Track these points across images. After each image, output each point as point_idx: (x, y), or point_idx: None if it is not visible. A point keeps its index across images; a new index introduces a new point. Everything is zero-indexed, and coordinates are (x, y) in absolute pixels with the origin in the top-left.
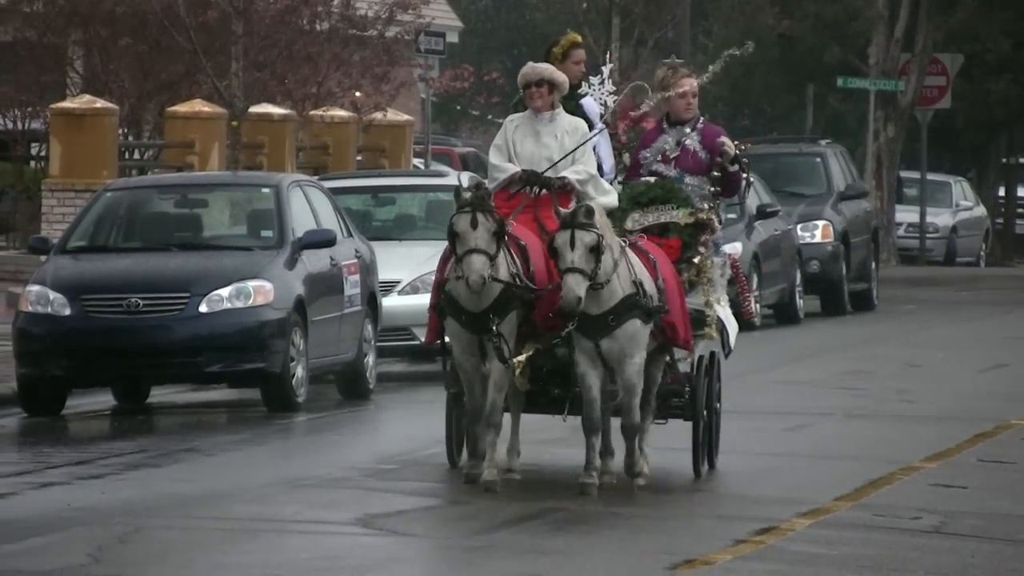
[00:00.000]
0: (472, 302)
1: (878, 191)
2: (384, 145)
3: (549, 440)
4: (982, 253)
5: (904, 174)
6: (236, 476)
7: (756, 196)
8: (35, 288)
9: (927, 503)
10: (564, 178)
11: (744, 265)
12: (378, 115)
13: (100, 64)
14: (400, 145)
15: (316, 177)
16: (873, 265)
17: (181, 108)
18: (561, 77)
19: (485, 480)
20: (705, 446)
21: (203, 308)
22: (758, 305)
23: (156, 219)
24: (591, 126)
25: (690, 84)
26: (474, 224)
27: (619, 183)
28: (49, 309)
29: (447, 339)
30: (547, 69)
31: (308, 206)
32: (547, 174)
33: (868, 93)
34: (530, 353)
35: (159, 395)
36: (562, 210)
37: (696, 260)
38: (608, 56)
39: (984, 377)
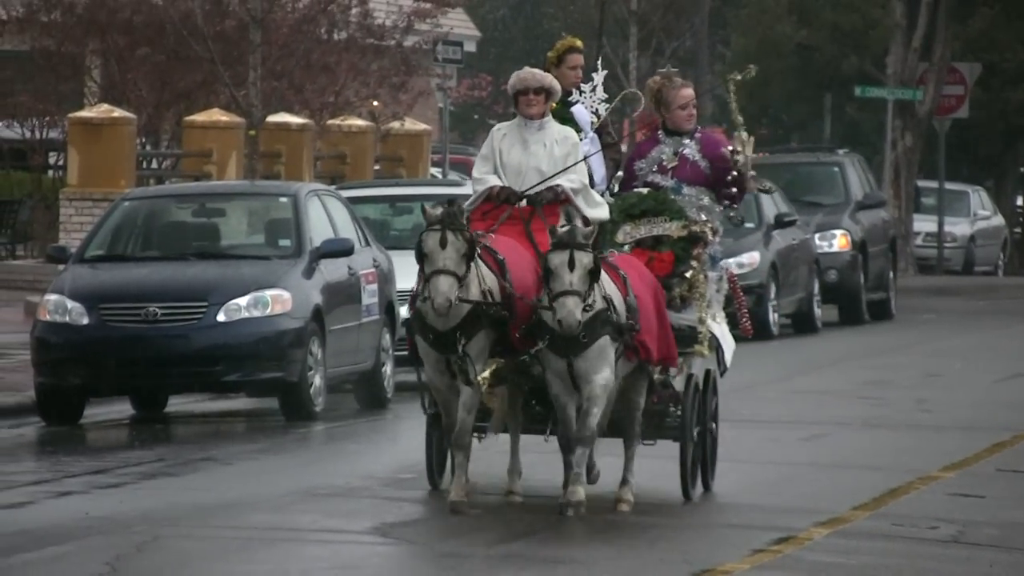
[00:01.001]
0: (439, 321)
1: (896, 200)
2: (402, 154)
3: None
4: (1000, 262)
5: (922, 183)
6: (254, 485)
7: (774, 205)
8: (53, 297)
9: (945, 513)
10: (559, 186)
11: (762, 275)
12: (396, 124)
13: (118, 73)
14: (418, 154)
15: (334, 186)
16: (891, 274)
17: (199, 117)
18: (558, 86)
19: (452, 501)
20: (696, 467)
21: (221, 317)
22: (776, 314)
23: (174, 228)
24: (580, 136)
25: (688, 95)
26: (443, 243)
27: (611, 194)
28: (67, 318)
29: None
30: (547, 77)
31: (326, 215)
32: (529, 192)
33: (886, 102)
34: (492, 368)
35: (177, 404)
36: (558, 228)
37: (688, 275)
38: (599, 64)
39: (1002, 387)
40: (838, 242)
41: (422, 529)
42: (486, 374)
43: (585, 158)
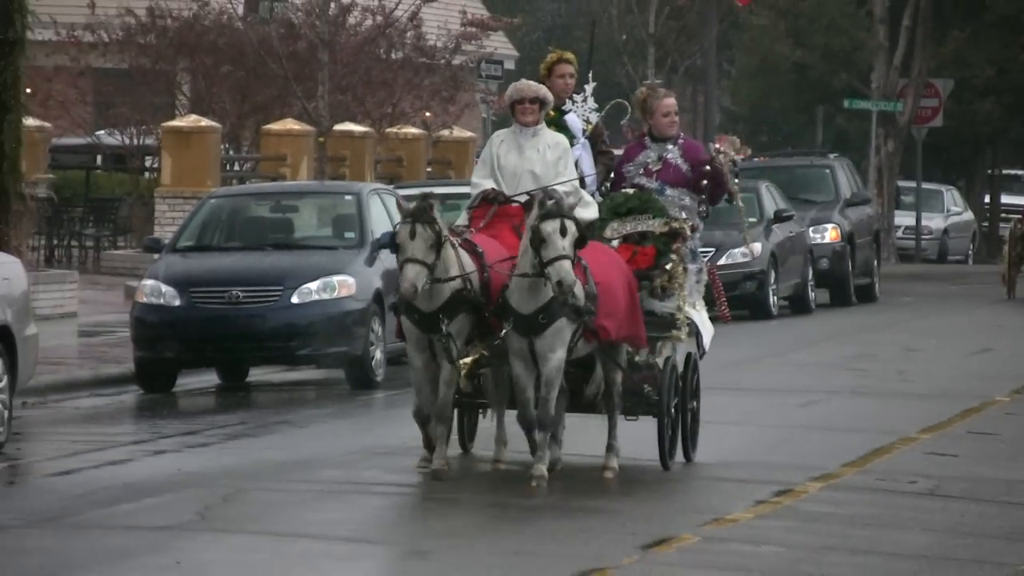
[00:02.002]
0: (424, 302)
1: (879, 198)
2: (450, 158)
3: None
4: (970, 252)
5: (902, 183)
6: (323, 445)
7: (773, 202)
8: (149, 282)
9: (922, 469)
10: (551, 189)
11: (763, 263)
12: (445, 132)
13: (204, 88)
14: (464, 158)
15: (392, 186)
16: (875, 262)
17: (275, 126)
18: (551, 96)
19: (434, 469)
20: (673, 441)
21: (295, 299)
22: (775, 297)
23: (254, 222)
24: (572, 141)
25: (670, 104)
26: (412, 235)
27: (601, 195)
28: (162, 300)
29: None
30: (540, 88)
31: (385, 211)
32: (517, 196)
33: (871, 113)
34: (476, 357)
35: (257, 375)
36: (547, 201)
37: (668, 267)
38: (590, 76)
39: (972, 360)
40: (829, 234)
41: (469, 481)
42: (468, 360)
43: (576, 162)
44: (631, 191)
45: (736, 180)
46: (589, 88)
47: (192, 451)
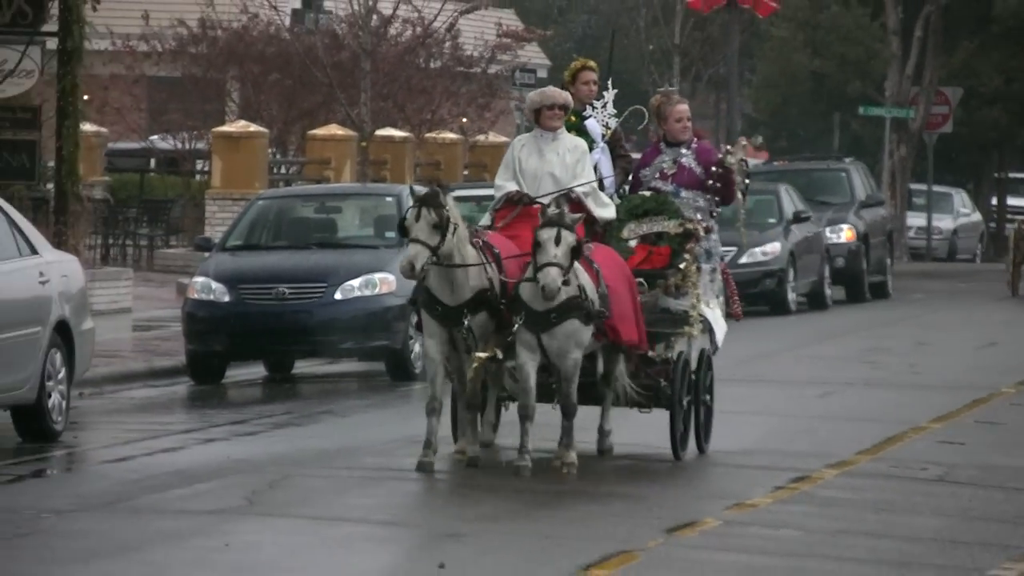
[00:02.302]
0: (447, 296)
1: (892, 200)
2: (486, 162)
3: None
4: (978, 251)
5: (914, 186)
6: (364, 434)
7: (792, 204)
8: (200, 279)
9: (933, 457)
10: (573, 192)
11: (782, 261)
12: (481, 137)
13: (253, 95)
14: (499, 162)
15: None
16: (888, 261)
17: (319, 131)
18: (572, 102)
19: (471, 457)
20: (686, 433)
21: (338, 296)
22: (794, 293)
23: (299, 222)
24: (592, 145)
25: (683, 110)
26: (418, 217)
27: (619, 197)
28: (212, 296)
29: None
30: (566, 95)
31: None
32: (540, 199)
33: (884, 119)
34: (489, 355)
35: (302, 367)
36: (548, 211)
37: (682, 266)
38: (609, 83)
39: (980, 353)
40: (845, 234)
41: (500, 471)
42: (481, 355)
43: (595, 165)
44: (648, 194)
45: (747, 180)
46: (608, 95)
47: (240, 439)
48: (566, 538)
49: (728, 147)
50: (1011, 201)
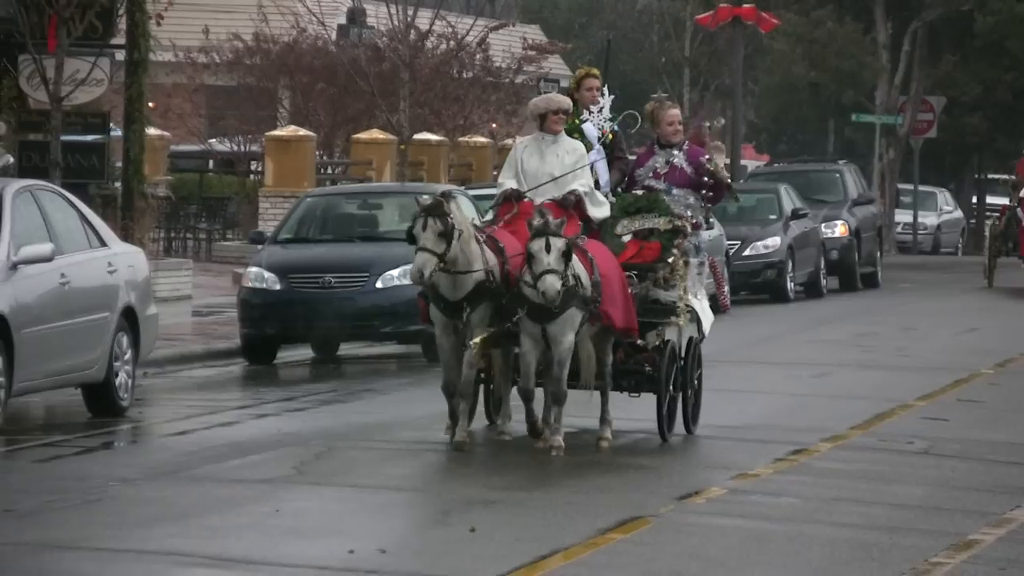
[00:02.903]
0: (449, 291)
1: (882, 199)
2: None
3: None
4: (959, 245)
5: (901, 186)
6: (402, 410)
7: (791, 201)
8: (254, 269)
9: (918, 432)
10: (575, 191)
11: (782, 254)
12: (509, 141)
13: (302, 102)
14: None
15: (463, 187)
16: (878, 254)
17: (362, 136)
18: (571, 108)
19: (457, 441)
20: (672, 416)
21: (379, 284)
22: (792, 283)
23: (344, 218)
24: (589, 147)
25: (675, 115)
26: (424, 227)
27: (614, 195)
28: (264, 285)
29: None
30: (568, 100)
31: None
32: (531, 191)
33: (875, 126)
34: (484, 336)
35: (346, 350)
36: (534, 222)
37: (671, 260)
38: (606, 90)
39: (961, 338)
40: (839, 229)
41: (524, 444)
42: (477, 340)
43: (592, 166)
44: (641, 192)
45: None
46: (604, 100)
47: (290, 415)
48: (585, 505)
49: (705, 156)
50: (989, 200)
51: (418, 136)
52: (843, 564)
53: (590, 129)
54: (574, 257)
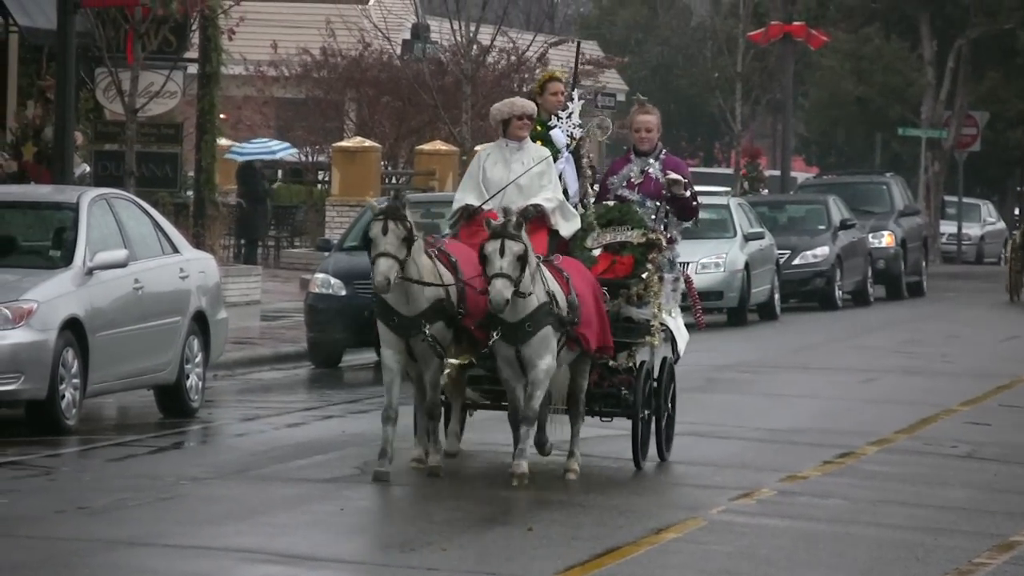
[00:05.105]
0: (403, 306)
1: (927, 210)
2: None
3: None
4: (1002, 255)
5: (946, 198)
6: None
7: (839, 212)
8: (321, 275)
9: (962, 436)
10: (539, 206)
11: (830, 263)
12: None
13: (368, 114)
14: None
15: None
16: (924, 263)
17: (426, 147)
18: (536, 113)
19: (431, 466)
20: (646, 441)
21: None
22: (840, 291)
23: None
24: (556, 155)
25: (644, 120)
26: (385, 230)
27: (583, 206)
28: (330, 290)
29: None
30: (531, 105)
31: None
32: (484, 204)
33: (920, 139)
34: (464, 362)
35: None
36: (493, 222)
37: (644, 276)
38: (575, 95)
39: (1004, 345)
40: (885, 240)
41: (584, 445)
42: (455, 362)
43: (560, 175)
44: (613, 203)
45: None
46: (572, 105)
47: (354, 416)
48: (640, 506)
49: (669, 175)
50: None
51: (479, 147)
52: (888, 564)
53: (558, 135)
54: (549, 276)
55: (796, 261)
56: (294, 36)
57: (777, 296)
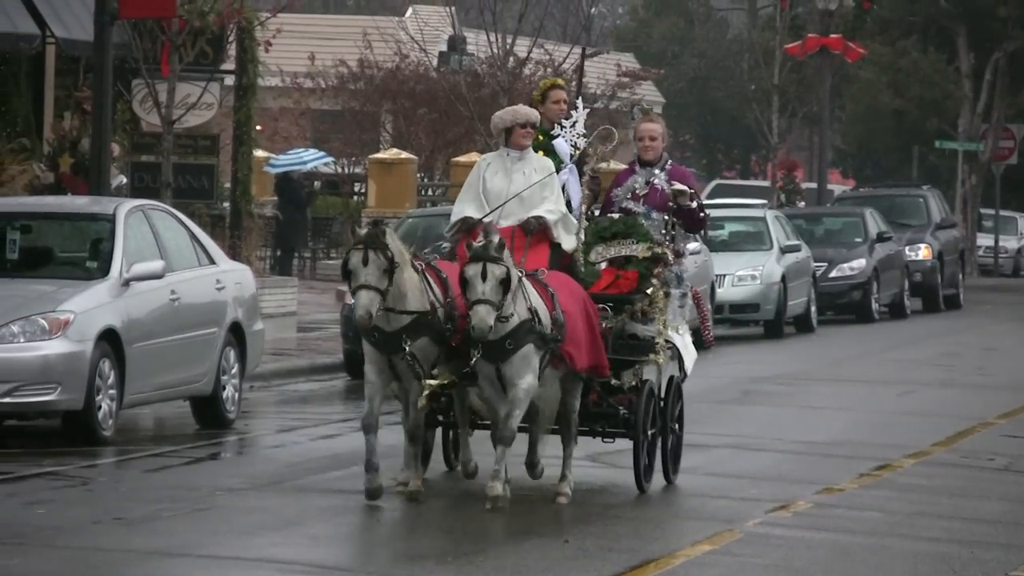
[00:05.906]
0: (384, 323)
1: (964, 223)
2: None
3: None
4: None
5: (983, 211)
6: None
7: (876, 225)
8: None
9: (999, 448)
10: (541, 218)
11: (867, 275)
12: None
13: (404, 126)
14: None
15: None
16: (960, 276)
17: (462, 159)
18: (538, 120)
19: (410, 491)
20: (651, 463)
21: None
22: (877, 304)
23: (443, 238)
24: (559, 165)
25: (648, 129)
26: (365, 261)
27: (587, 219)
28: None
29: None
30: (534, 113)
31: None
32: (485, 217)
33: (957, 152)
34: (443, 382)
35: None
36: (474, 243)
37: (650, 291)
38: (579, 103)
39: None
40: (922, 252)
41: (621, 456)
42: (433, 383)
43: (563, 186)
44: (617, 216)
45: (704, 211)
46: (577, 114)
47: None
48: (676, 517)
49: (675, 186)
50: None
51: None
52: None
53: (562, 145)
54: (532, 291)
55: (833, 274)
56: (331, 48)
57: (814, 308)
